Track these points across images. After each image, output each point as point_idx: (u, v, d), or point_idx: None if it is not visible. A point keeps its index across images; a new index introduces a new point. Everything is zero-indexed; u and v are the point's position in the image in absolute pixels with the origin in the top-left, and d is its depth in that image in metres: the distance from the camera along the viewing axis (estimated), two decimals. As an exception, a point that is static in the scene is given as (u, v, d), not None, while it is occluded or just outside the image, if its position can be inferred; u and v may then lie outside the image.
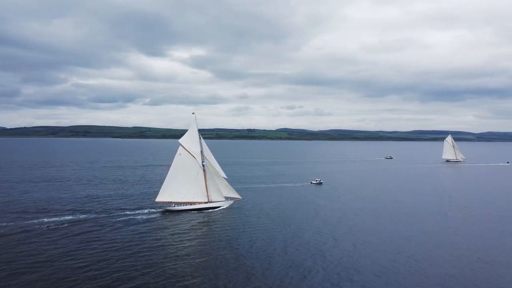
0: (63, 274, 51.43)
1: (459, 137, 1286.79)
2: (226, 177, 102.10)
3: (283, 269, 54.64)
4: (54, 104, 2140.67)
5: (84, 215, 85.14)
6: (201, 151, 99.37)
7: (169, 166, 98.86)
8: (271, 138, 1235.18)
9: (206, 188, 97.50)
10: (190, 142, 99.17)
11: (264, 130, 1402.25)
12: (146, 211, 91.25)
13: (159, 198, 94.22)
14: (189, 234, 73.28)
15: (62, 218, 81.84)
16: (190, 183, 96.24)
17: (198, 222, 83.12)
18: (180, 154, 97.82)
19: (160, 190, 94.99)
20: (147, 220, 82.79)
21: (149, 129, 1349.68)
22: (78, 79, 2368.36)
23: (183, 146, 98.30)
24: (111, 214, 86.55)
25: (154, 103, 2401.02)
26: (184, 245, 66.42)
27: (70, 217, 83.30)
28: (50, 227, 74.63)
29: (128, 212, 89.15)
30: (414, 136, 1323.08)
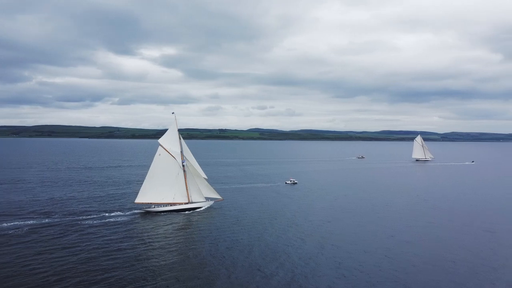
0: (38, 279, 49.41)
1: (425, 137, 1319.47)
2: (206, 177, 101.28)
3: (257, 270, 54.75)
4: (17, 102, 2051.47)
5: (59, 219, 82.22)
6: (181, 151, 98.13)
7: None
8: (243, 138, 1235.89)
9: (187, 188, 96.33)
10: (170, 142, 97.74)
11: (236, 130, 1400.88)
12: (126, 213, 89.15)
13: (138, 199, 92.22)
14: (170, 236, 72.14)
15: (26, 223, 78.66)
16: (170, 184, 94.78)
17: (178, 224, 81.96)
18: (159, 155, 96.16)
19: (140, 191, 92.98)
20: (128, 222, 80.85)
21: (118, 128, 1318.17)
22: (43, 77, 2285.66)
23: (162, 147, 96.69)
24: (89, 216, 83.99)
25: (123, 102, 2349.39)
26: (167, 247, 65.32)
27: (47, 220, 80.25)
28: (11, 233, 71.58)
29: (106, 214, 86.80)
30: (382, 136, 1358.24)
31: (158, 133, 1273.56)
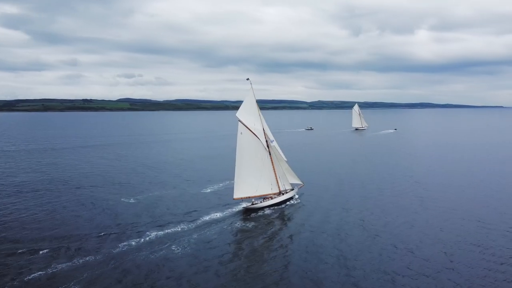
0: None
1: (295, 105, 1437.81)
2: (286, 159, 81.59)
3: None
4: None
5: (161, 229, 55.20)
6: (263, 129, 76.34)
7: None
8: (111, 109, 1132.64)
9: (276, 176, 75.94)
10: (249, 117, 74.69)
11: (103, 100, 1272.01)
12: (225, 213, 66.74)
13: (237, 195, 68.93)
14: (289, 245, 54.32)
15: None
16: (260, 171, 73.15)
17: (284, 223, 63.27)
18: (241, 133, 72.89)
19: (235, 184, 69.56)
20: (234, 227, 58.93)
21: None
22: None
23: (243, 123, 73.34)
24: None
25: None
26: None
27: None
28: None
29: (203, 218, 62.19)
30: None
31: (5, 105, 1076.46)
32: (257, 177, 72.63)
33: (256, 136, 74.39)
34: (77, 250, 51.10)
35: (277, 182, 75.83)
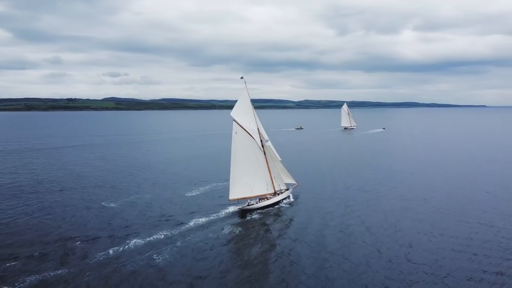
0: None
1: (283, 105, 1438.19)
2: (280, 159, 79.96)
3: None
4: None
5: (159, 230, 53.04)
6: (258, 128, 74.59)
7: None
8: (96, 109, 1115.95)
9: (271, 176, 74.31)
10: (244, 116, 72.91)
11: (88, 99, 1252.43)
12: (221, 214, 64.63)
13: (232, 195, 67.07)
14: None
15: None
16: (255, 171, 71.42)
17: (281, 224, 61.85)
18: (236, 133, 71.05)
19: (230, 185, 67.66)
20: (229, 228, 57.18)
21: None
22: None
23: (237, 122, 71.51)
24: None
25: None
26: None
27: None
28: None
29: (195, 221, 60.23)
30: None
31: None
32: (252, 177, 70.94)
33: (251, 135, 72.66)
34: (47, 262, 46.68)
35: (272, 182, 74.27)
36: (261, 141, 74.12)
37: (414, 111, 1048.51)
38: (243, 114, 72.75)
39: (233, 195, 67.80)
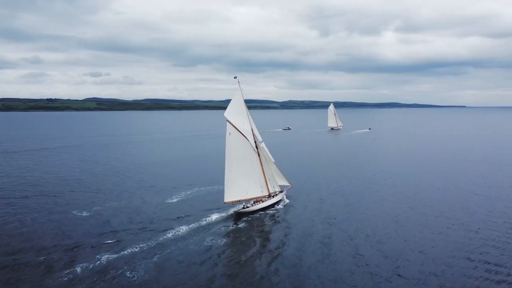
0: None
1: (266, 105, 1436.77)
2: (274, 160, 78.35)
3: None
4: None
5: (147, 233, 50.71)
6: (252, 129, 72.86)
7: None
8: (77, 109, 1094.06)
9: (265, 178, 72.68)
10: (237, 117, 71.21)
11: (68, 100, 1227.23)
12: (215, 218, 62.89)
13: (228, 198, 65.16)
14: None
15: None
16: (250, 173, 69.72)
17: (278, 228, 60.49)
18: (230, 134, 69.19)
19: (225, 187, 65.72)
20: (227, 231, 55.47)
21: None
22: None
23: (231, 123, 69.70)
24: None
25: None
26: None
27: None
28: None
29: (188, 226, 58.10)
30: (227, 105, 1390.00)
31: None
32: (247, 179, 69.28)
33: (245, 136, 70.95)
34: (12, 283, 41.62)
35: (267, 184, 72.70)
36: (255, 142, 72.49)
37: (396, 112, 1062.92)
38: (237, 115, 71.05)
39: (228, 197, 65.97)
